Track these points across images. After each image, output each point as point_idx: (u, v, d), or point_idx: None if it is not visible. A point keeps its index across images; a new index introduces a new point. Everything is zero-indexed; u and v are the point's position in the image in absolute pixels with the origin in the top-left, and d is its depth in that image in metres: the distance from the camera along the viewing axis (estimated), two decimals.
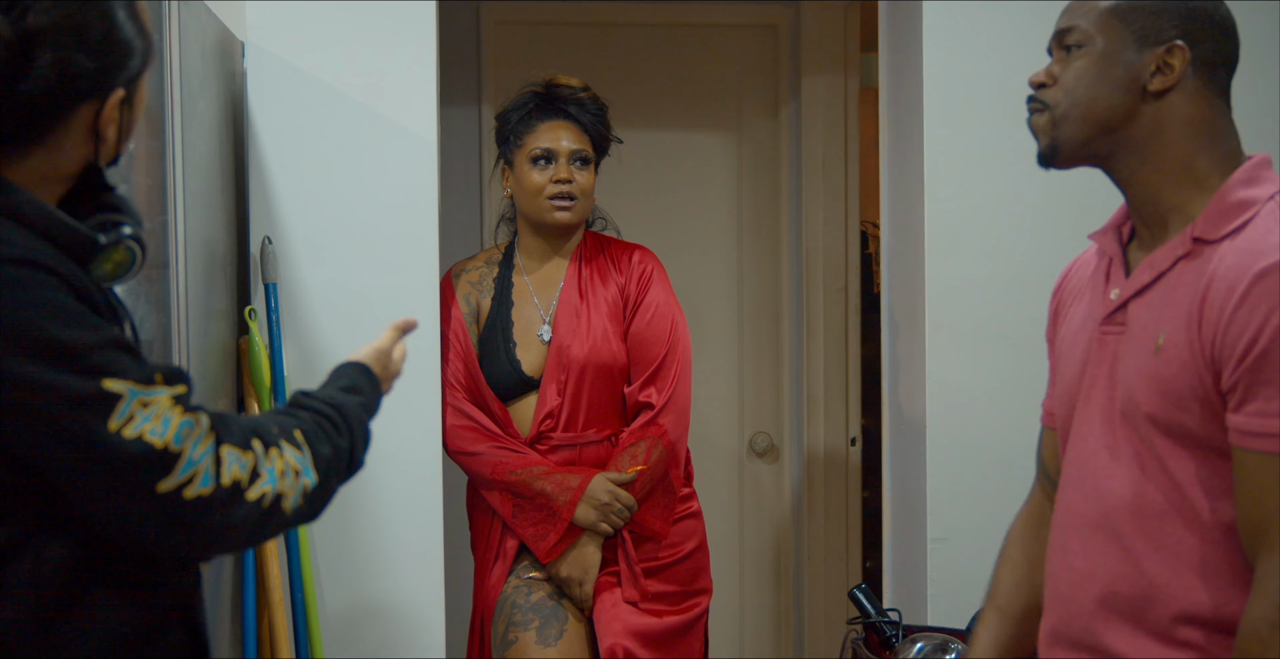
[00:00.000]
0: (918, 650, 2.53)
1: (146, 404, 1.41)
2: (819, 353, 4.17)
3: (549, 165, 2.84)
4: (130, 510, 1.42)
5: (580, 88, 2.92)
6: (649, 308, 2.89)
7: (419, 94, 2.82)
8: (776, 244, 4.21)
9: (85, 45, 1.43)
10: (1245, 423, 1.52)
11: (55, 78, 1.41)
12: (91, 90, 1.45)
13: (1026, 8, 2.85)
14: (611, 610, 2.81)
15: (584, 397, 2.84)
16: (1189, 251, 1.62)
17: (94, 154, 1.50)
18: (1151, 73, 1.65)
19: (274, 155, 2.76)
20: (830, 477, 4.20)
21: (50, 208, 1.45)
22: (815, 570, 4.18)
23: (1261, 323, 1.51)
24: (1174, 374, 1.59)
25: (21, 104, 1.41)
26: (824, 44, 4.17)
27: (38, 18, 1.40)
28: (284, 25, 2.75)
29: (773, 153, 4.21)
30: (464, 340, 2.88)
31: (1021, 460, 2.82)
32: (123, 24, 1.47)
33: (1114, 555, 1.64)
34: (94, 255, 1.48)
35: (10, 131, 1.43)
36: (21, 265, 1.38)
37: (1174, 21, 1.66)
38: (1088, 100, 1.68)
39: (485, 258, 3.00)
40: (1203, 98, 1.67)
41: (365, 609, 2.80)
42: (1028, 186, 2.86)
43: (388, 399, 2.87)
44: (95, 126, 1.48)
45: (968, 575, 2.86)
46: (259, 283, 2.74)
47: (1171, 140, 1.66)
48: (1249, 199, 1.61)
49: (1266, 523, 1.51)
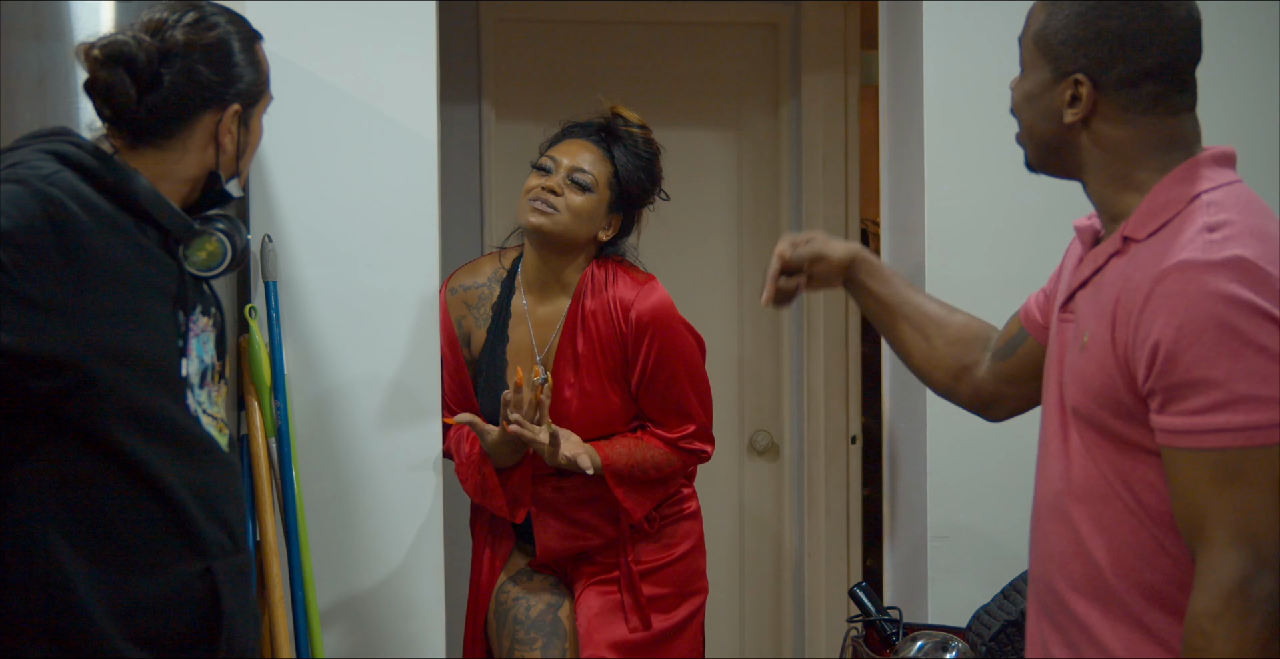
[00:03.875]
0: (918, 649, 2.53)
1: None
2: (819, 352, 4.17)
3: (544, 174, 2.74)
4: None
5: (636, 123, 2.79)
6: (661, 370, 2.75)
7: (419, 93, 2.82)
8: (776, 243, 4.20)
9: (209, 61, 1.83)
10: (1170, 422, 1.55)
11: (183, 83, 1.81)
12: (211, 99, 1.84)
13: (1026, 7, 2.83)
14: (595, 619, 2.76)
15: (582, 434, 2.77)
16: (1118, 250, 1.66)
17: (214, 162, 1.86)
18: (1066, 104, 1.69)
19: (274, 154, 2.76)
20: (830, 475, 4.20)
21: (159, 192, 1.78)
22: (815, 569, 4.18)
23: (1164, 325, 1.53)
24: (1093, 372, 1.63)
25: (157, 105, 1.80)
26: (824, 42, 4.16)
27: (174, 36, 1.81)
28: (284, 25, 2.75)
29: (773, 151, 4.21)
30: (454, 358, 2.83)
31: (1021, 459, 2.82)
32: (237, 52, 1.87)
33: (1066, 536, 1.69)
34: (189, 239, 1.82)
35: (146, 129, 1.81)
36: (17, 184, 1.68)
37: (1080, 49, 1.67)
38: (1029, 125, 1.76)
39: (489, 273, 2.86)
40: (1124, 119, 1.67)
41: (365, 609, 2.80)
42: (1028, 186, 2.85)
43: (388, 399, 2.88)
44: (215, 134, 1.85)
45: (968, 574, 2.86)
46: (259, 281, 2.74)
47: (1106, 160, 1.69)
48: (1176, 198, 1.63)
49: (1201, 518, 1.54)
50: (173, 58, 1.80)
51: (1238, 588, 1.50)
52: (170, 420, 1.77)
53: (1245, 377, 1.50)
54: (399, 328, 2.80)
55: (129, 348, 1.73)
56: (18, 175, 1.69)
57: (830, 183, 4.17)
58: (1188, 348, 1.51)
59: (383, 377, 2.79)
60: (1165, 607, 1.60)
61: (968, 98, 2.90)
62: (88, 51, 1.78)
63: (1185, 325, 1.51)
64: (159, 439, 1.74)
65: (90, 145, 1.78)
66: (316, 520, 2.76)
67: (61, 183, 1.70)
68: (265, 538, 2.63)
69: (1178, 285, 1.53)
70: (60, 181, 1.70)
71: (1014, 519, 2.83)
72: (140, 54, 1.77)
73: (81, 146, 1.77)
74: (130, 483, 1.71)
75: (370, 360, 2.79)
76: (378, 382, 2.79)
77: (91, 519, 1.69)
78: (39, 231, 1.65)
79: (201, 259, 1.84)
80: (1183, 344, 1.51)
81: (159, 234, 1.80)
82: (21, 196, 1.66)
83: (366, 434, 2.77)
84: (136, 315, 1.75)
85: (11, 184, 1.67)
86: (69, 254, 1.67)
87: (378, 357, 2.80)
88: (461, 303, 2.85)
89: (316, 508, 2.76)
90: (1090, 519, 1.65)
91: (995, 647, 2.58)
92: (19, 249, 1.63)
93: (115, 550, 1.70)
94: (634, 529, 2.83)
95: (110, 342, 1.70)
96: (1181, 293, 1.52)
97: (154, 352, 1.77)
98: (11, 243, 1.62)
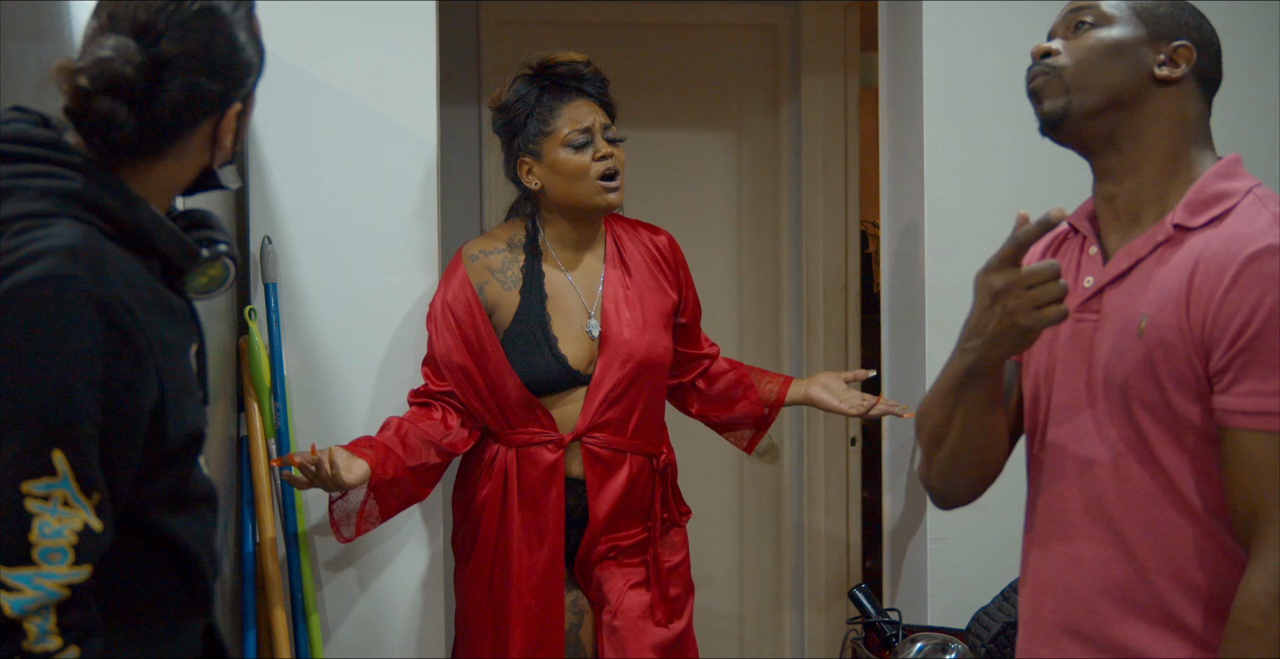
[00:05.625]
0: (918, 650, 2.53)
1: (66, 503, 1.40)
2: (819, 353, 4.17)
3: (587, 146, 2.72)
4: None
5: (583, 62, 2.76)
6: (694, 300, 2.95)
7: (419, 94, 2.82)
8: (776, 244, 4.21)
9: (211, 70, 1.54)
10: (1238, 403, 1.56)
11: (183, 100, 1.52)
12: (214, 109, 1.57)
13: (1026, 8, 2.84)
14: (638, 622, 2.76)
15: (641, 395, 2.76)
16: (1169, 238, 1.67)
17: (212, 159, 1.61)
18: (1159, 63, 1.71)
19: (274, 155, 2.76)
20: (830, 477, 4.20)
21: (166, 221, 1.56)
22: (815, 570, 4.18)
23: (1256, 304, 1.56)
24: (1160, 356, 1.62)
25: (152, 124, 1.51)
26: (824, 44, 4.17)
27: (169, 45, 1.51)
28: (284, 25, 2.75)
29: (773, 152, 4.21)
30: (472, 325, 2.70)
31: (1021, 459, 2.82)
32: (244, 46, 1.58)
33: (1104, 540, 1.67)
34: (194, 268, 1.61)
35: (141, 148, 1.53)
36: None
37: (1185, 27, 1.73)
38: (1101, 71, 1.72)
39: (506, 239, 2.80)
40: (1196, 100, 1.73)
41: (365, 609, 2.80)
42: (1028, 186, 2.87)
43: (387, 399, 2.88)
44: (214, 136, 1.59)
45: (968, 575, 2.86)
46: (259, 283, 2.74)
47: (1166, 131, 1.71)
48: (1227, 190, 1.67)
49: (1264, 499, 1.54)
50: (170, 70, 1.51)
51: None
52: (194, 482, 1.62)
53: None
54: (399, 328, 2.80)
55: (183, 427, 1.55)
56: (38, 256, 1.42)
57: (830, 184, 4.17)
58: (1277, 327, 1.54)
59: (382, 377, 2.79)
60: (1209, 607, 1.60)
61: (968, 98, 2.90)
62: (72, 78, 1.46)
63: (1277, 306, 1.54)
64: (183, 506, 1.59)
65: (81, 159, 1.51)
66: (316, 521, 2.76)
67: (97, 259, 1.45)
68: (265, 538, 2.63)
69: (1269, 266, 1.56)
70: (92, 254, 1.45)
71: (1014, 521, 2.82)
72: (133, 74, 1.48)
73: (75, 163, 1.51)
74: (153, 552, 1.56)
75: (370, 361, 2.79)
76: (377, 382, 2.79)
77: (115, 592, 1.52)
78: (112, 359, 1.43)
79: (202, 283, 1.65)
80: (1272, 323, 1.54)
81: (160, 264, 1.59)
82: (71, 308, 1.41)
83: (366, 434, 2.77)
84: (179, 390, 1.55)
85: (45, 283, 1.41)
86: (139, 361, 1.46)
87: (378, 357, 2.79)
88: (484, 268, 2.76)
89: (316, 508, 2.76)
90: (1142, 519, 1.64)
91: (995, 648, 2.58)
92: (108, 395, 1.42)
93: (132, 619, 1.55)
94: (664, 522, 2.85)
95: (172, 432, 1.53)
96: (1275, 274, 1.55)
97: (193, 420, 1.58)
98: (96, 389, 1.41)
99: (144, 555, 1.54)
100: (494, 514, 2.73)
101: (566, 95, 2.73)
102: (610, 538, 2.76)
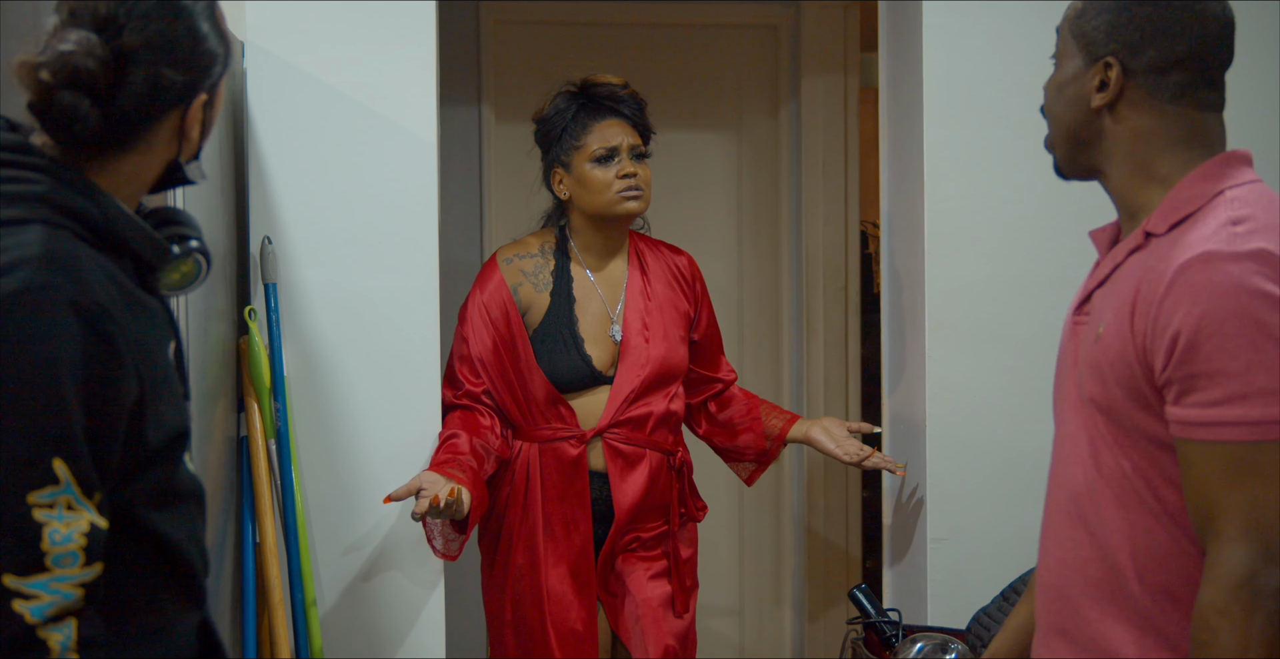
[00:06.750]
0: (918, 650, 2.53)
1: (71, 507, 1.41)
2: (819, 353, 4.17)
3: (611, 162, 2.87)
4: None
5: (621, 85, 2.96)
6: (708, 319, 3.07)
7: (419, 94, 2.82)
8: (776, 244, 4.21)
9: (174, 61, 1.54)
10: (1186, 414, 1.54)
11: (147, 92, 1.52)
12: (179, 100, 1.56)
13: (1026, 8, 2.85)
14: (660, 611, 2.87)
15: (658, 398, 2.91)
16: (1140, 245, 1.66)
17: (178, 152, 1.61)
18: (1095, 89, 1.69)
19: (274, 155, 2.76)
20: (830, 477, 4.20)
21: (135, 218, 1.55)
22: (815, 570, 4.18)
23: (1185, 315, 1.53)
24: (1110, 361, 1.62)
25: (117, 116, 1.51)
26: (824, 44, 4.17)
27: (131, 37, 1.51)
28: (284, 25, 2.75)
29: (773, 153, 4.21)
30: (506, 323, 2.84)
31: (1021, 460, 2.82)
32: (207, 36, 1.57)
33: (1084, 541, 1.68)
34: (165, 265, 1.59)
35: (107, 141, 1.52)
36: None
37: (1111, 33, 1.68)
38: (1056, 118, 1.75)
39: (539, 245, 2.95)
40: (1150, 107, 1.68)
41: (365, 609, 2.80)
42: (1028, 186, 2.87)
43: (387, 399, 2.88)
44: (181, 128, 1.59)
45: (968, 575, 2.87)
46: (259, 283, 2.74)
47: (1130, 149, 1.69)
48: (1199, 193, 1.63)
49: (1212, 512, 1.53)
50: (133, 62, 1.51)
51: (1245, 582, 1.50)
52: (179, 479, 1.61)
53: (1264, 369, 1.49)
54: (399, 328, 2.80)
55: (164, 425, 1.55)
56: (14, 266, 1.42)
57: (830, 184, 4.17)
58: (1208, 338, 1.51)
59: (383, 377, 2.79)
60: (1181, 609, 1.59)
61: (967, 99, 2.90)
62: (33, 73, 1.47)
63: (1206, 315, 1.51)
64: (170, 503, 1.59)
65: (48, 161, 1.51)
66: (316, 521, 2.76)
67: (73, 264, 1.45)
68: (265, 539, 2.63)
69: (1201, 276, 1.52)
70: (67, 259, 1.45)
71: (1013, 521, 2.84)
72: (96, 67, 1.48)
73: (42, 165, 1.50)
74: (143, 549, 1.56)
75: (370, 361, 2.79)
76: (378, 382, 2.79)
77: (108, 590, 1.51)
78: (94, 363, 1.43)
79: (175, 280, 1.63)
80: (1203, 334, 1.51)
81: (132, 262, 1.57)
82: (53, 318, 1.42)
83: (366, 435, 2.77)
84: (158, 388, 1.55)
85: (26, 295, 1.41)
86: (119, 362, 1.46)
87: (378, 357, 2.79)
88: (518, 271, 2.90)
89: (316, 508, 2.76)
90: (1112, 521, 1.64)
91: None
92: (91, 412, 1.43)
93: (126, 617, 1.56)
94: (682, 517, 2.97)
95: (153, 430, 1.53)
96: (1204, 283, 1.52)
97: (175, 418, 1.59)
98: (76, 403, 1.41)
99: (134, 553, 1.55)
100: (518, 509, 2.85)
101: (601, 114, 2.91)
102: (633, 530, 2.89)
